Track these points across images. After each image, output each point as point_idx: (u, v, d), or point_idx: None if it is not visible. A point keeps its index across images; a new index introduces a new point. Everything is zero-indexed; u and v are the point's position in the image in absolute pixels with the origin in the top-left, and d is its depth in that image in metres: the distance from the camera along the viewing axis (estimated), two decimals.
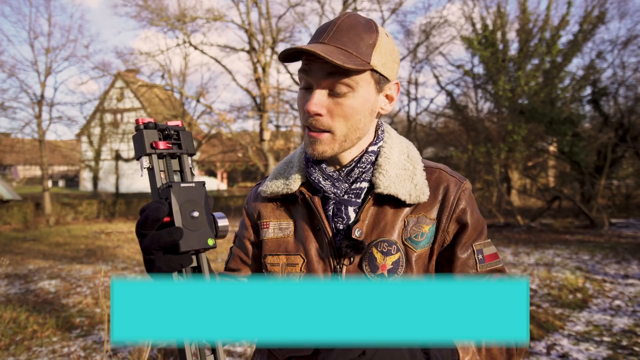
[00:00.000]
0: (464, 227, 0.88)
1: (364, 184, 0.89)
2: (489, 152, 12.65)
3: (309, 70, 0.82)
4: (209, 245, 0.67)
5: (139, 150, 0.67)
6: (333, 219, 0.88)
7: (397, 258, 0.85)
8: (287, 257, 0.92)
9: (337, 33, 0.81)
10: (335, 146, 0.85)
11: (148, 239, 0.64)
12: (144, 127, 0.67)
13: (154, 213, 0.63)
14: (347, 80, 0.81)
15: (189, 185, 0.67)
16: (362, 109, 0.84)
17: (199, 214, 0.66)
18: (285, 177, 0.96)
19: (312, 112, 0.82)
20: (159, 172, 0.68)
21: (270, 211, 0.97)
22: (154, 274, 0.65)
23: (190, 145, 0.71)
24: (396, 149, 0.93)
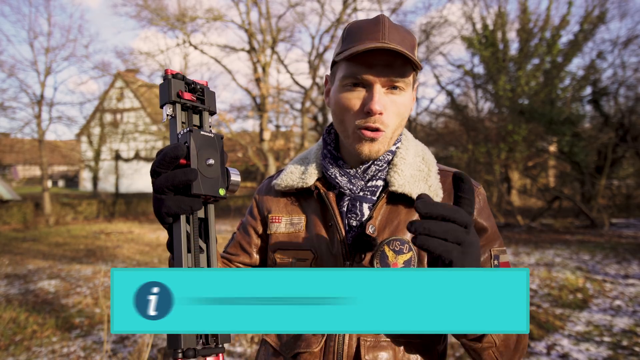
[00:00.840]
0: (481, 231, 0.88)
1: (379, 182, 0.90)
2: (489, 152, 12.64)
3: (369, 69, 0.82)
4: (219, 194, 0.67)
5: (164, 97, 0.68)
6: (347, 215, 0.88)
7: (409, 257, 0.85)
8: (298, 252, 0.92)
9: (391, 33, 0.82)
10: (387, 144, 0.87)
11: (162, 177, 0.64)
12: (172, 77, 0.68)
13: (173, 151, 0.63)
14: (404, 79, 0.83)
15: (208, 135, 0.68)
16: (409, 107, 0.88)
17: (214, 162, 0.67)
18: (301, 172, 0.96)
19: (377, 111, 0.82)
20: (180, 122, 0.69)
21: (283, 206, 0.97)
22: (162, 214, 0.65)
23: (213, 103, 0.72)
24: (412, 150, 0.94)
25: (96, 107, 21.46)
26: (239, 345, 3.76)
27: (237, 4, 15.04)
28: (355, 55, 0.81)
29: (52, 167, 29.47)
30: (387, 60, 0.81)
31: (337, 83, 0.88)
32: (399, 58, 0.81)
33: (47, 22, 19.17)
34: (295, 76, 32.77)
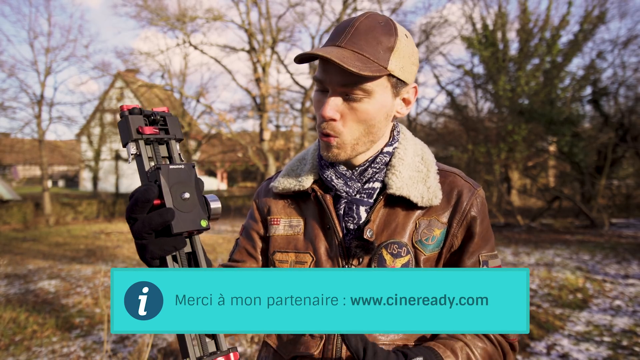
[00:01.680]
0: (472, 235, 0.88)
1: (376, 184, 0.89)
2: (489, 152, 12.64)
3: (325, 74, 0.81)
4: (202, 226, 0.65)
5: (125, 136, 0.65)
6: (344, 218, 0.88)
7: (406, 260, 0.85)
8: (296, 254, 0.91)
9: (355, 36, 0.79)
10: (348, 150, 0.85)
11: (139, 223, 0.62)
12: (129, 113, 0.65)
13: (143, 195, 0.61)
14: (363, 85, 0.79)
15: (178, 167, 0.65)
16: (377, 114, 0.83)
17: (190, 195, 0.64)
18: (297, 174, 0.95)
19: (327, 117, 0.81)
20: (147, 158, 0.66)
21: (281, 208, 0.97)
22: (147, 260, 0.64)
23: (178, 130, 0.69)
24: (410, 150, 0.92)
25: (96, 107, 21.45)
26: (239, 345, 3.76)
27: (237, 4, 15.04)
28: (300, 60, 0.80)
29: (52, 167, 29.47)
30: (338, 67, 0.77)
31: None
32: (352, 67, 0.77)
33: (47, 22, 19.17)
34: (295, 76, 32.75)
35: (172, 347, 3.76)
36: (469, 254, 0.87)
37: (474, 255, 0.87)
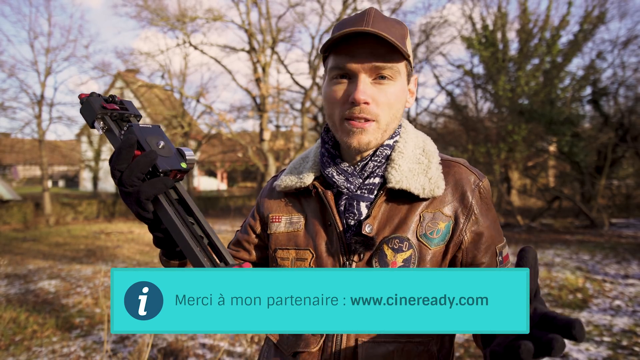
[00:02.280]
0: (483, 230, 0.86)
1: (376, 179, 0.88)
2: (489, 152, 12.64)
3: (350, 58, 0.80)
4: (182, 167, 0.69)
5: (90, 114, 0.69)
6: (345, 214, 0.87)
7: (408, 255, 0.84)
8: (297, 251, 0.91)
9: (375, 22, 0.80)
10: (379, 136, 0.84)
11: (126, 171, 0.65)
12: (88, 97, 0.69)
13: (126, 142, 0.64)
14: (392, 66, 0.80)
15: (147, 126, 0.69)
16: (402, 98, 0.84)
17: (164, 143, 0.69)
18: (299, 172, 0.95)
19: (361, 100, 0.79)
20: (117, 130, 0.69)
21: (283, 205, 0.97)
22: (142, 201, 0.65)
23: (135, 109, 0.74)
24: (411, 143, 0.91)
25: None
26: (239, 345, 3.76)
27: (237, 4, 15.04)
28: (337, 45, 0.80)
29: (52, 167, 29.46)
30: (370, 47, 0.78)
31: (326, 77, 0.87)
32: (383, 46, 0.78)
33: (48, 22, 19.16)
34: (295, 76, 32.75)
35: (172, 347, 3.77)
36: (485, 249, 0.86)
37: (490, 249, 0.87)
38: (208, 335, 3.99)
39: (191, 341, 3.91)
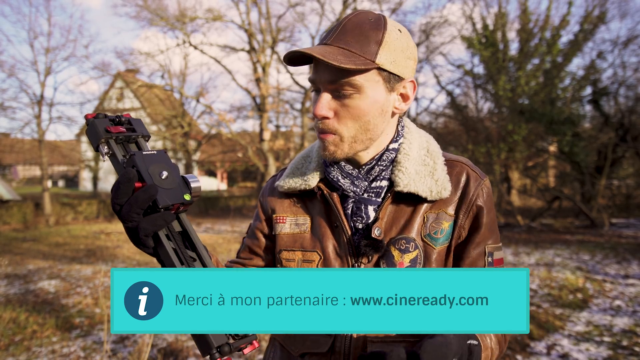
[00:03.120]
0: (479, 226, 0.87)
1: (383, 182, 0.88)
2: (489, 152, 12.64)
3: (315, 74, 0.82)
4: (186, 200, 0.66)
5: (95, 138, 0.66)
6: (352, 217, 0.87)
7: (415, 255, 0.84)
8: (304, 253, 0.91)
9: (342, 33, 0.80)
10: (345, 148, 0.84)
11: (126, 205, 0.63)
12: (94, 119, 0.67)
13: (124, 177, 0.63)
14: (351, 80, 0.79)
15: (151, 153, 0.67)
16: (370, 110, 0.82)
17: (168, 174, 0.66)
18: (302, 173, 0.94)
19: (319, 115, 0.81)
20: (121, 155, 0.67)
21: (287, 206, 0.96)
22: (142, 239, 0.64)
23: (144, 129, 0.71)
24: (415, 144, 0.91)
25: (96, 107, 21.45)
26: None
27: (237, 4, 15.05)
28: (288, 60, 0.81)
29: (52, 167, 29.46)
30: (326, 64, 0.78)
31: None
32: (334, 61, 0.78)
33: (47, 22, 19.17)
34: (295, 76, 32.65)
35: (172, 347, 3.76)
36: (475, 244, 0.87)
37: (479, 246, 0.87)
38: None
39: (191, 341, 3.91)
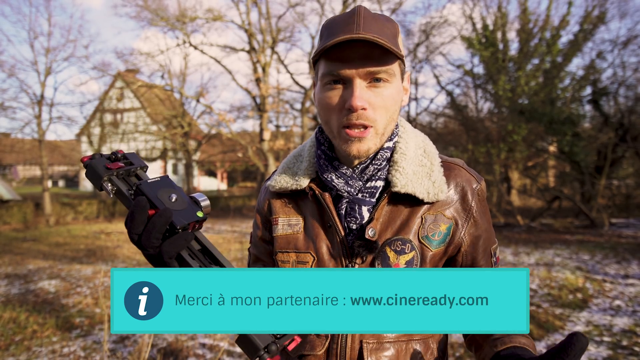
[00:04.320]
0: (481, 233, 0.88)
1: (379, 182, 0.86)
2: (489, 152, 12.64)
3: (344, 64, 0.78)
4: (199, 217, 0.68)
5: (97, 178, 0.68)
6: (346, 218, 0.86)
7: (411, 257, 0.84)
8: (297, 254, 0.89)
9: (366, 23, 0.78)
10: (377, 141, 0.82)
11: (144, 234, 0.63)
12: (90, 160, 0.69)
13: (137, 207, 0.63)
14: (385, 68, 0.78)
15: (156, 180, 0.69)
16: (398, 99, 0.82)
17: (177, 196, 0.68)
18: (294, 172, 0.93)
19: (359, 107, 0.77)
20: (126, 189, 0.68)
21: (280, 207, 0.94)
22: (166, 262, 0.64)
23: (140, 160, 0.73)
24: (412, 143, 0.90)
25: (96, 107, 21.46)
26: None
27: (237, 4, 15.04)
28: (328, 50, 0.78)
29: (52, 167, 29.45)
30: (364, 51, 0.77)
31: (318, 82, 0.84)
32: (376, 48, 0.77)
33: (47, 22, 19.17)
34: (295, 76, 32.72)
35: (172, 347, 3.77)
36: (482, 251, 0.88)
37: (486, 251, 0.89)
38: (208, 335, 3.98)
39: (191, 341, 3.91)
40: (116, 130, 22.08)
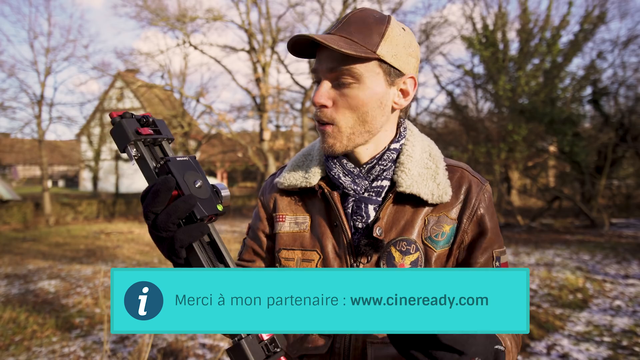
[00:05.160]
0: (484, 231, 0.87)
1: (385, 182, 0.87)
2: (489, 152, 12.64)
3: (317, 63, 0.82)
4: (219, 210, 0.67)
5: (123, 139, 0.64)
6: (352, 216, 0.87)
7: (415, 257, 0.84)
8: (303, 252, 0.90)
9: (346, 25, 0.81)
10: (343, 140, 0.83)
11: (163, 215, 0.61)
12: (121, 118, 0.65)
13: (164, 184, 0.60)
14: (351, 69, 0.79)
15: (184, 159, 0.66)
16: (369, 101, 0.82)
17: (201, 183, 0.66)
18: (304, 170, 0.93)
19: (318, 103, 0.81)
20: (150, 158, 0.66)
21: (287, 204, 0.95)
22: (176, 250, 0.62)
23: (168, 131, 0.70)
24: (418, 146, 0.91)
25: (96, 107, 21.47)
26: None
27: (237, 4, 15.05)
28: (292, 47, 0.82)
29: (52, 167, 29.47)
30: (329, 53, 0.80)
31: None
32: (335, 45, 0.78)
33: (47, 22, 19.18)
34: (295, 76, 32.75)
35: (172, 347, 3.77)
36: (482, 250, 0.87)
37: (487, 251, 0.87)
38: (208, 335, 3.98)
39: (191, 341, 3.91)
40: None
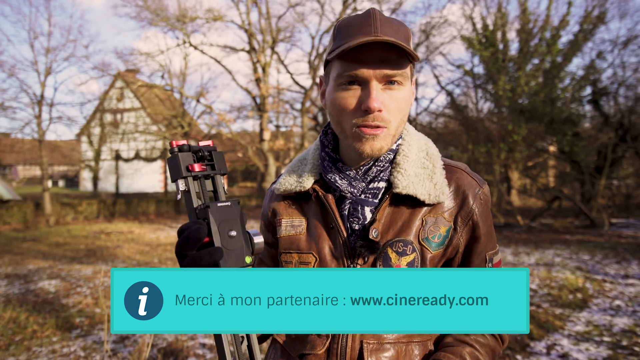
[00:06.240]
0: (479, 236, 0.88)
1: (381, 183, 0.87)
2: (489, 152, 12.63)
3: (361, 65, 0.79)
4: (246, 263, 0.68)
5: (175, 173, 0.68)
6: (348, 218, 0.87)
7: (412, 258, 0.84)
8: (299, 255, 0.90)
9: (383, 26, 0.79)
10: (389, 141, 0.84)
11: (189, 260, 0.64)
12: (178, 150, 0.68)
13: (195, 234, 0.64)
14: (401, 72, 0.80)
15: (225, 205, 0.68)
16: (409, 102, 0.84)
17: (236, 233, 0.68)
18: (298, 175, 0.94)
19: (376, 108, 0.78)
20: (195, 194, 0.69)
21: (284, 208, 0.96)
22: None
23: (223, 165, 0.72)
24: (415, 146, 0.91)
25: (96, 107, 21.46)
26: None
27: (237, 4, 15.04)
28: (347, 52, 0.78)
29: (52, 167, 29.48)
30: (381, 54, 0.78)
31: (331, 83, 0.85)
32: (393, 51, 0.78)
33: (48, 22, 19.15)
34: (295, 76, 32.76)
35: (172, 347, 3.77)
36: (477, 254, 0.88)
37: (480, 255, 0.88)
38: (208, 335, 3.98)
39: (191, 341, 3.91)
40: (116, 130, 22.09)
